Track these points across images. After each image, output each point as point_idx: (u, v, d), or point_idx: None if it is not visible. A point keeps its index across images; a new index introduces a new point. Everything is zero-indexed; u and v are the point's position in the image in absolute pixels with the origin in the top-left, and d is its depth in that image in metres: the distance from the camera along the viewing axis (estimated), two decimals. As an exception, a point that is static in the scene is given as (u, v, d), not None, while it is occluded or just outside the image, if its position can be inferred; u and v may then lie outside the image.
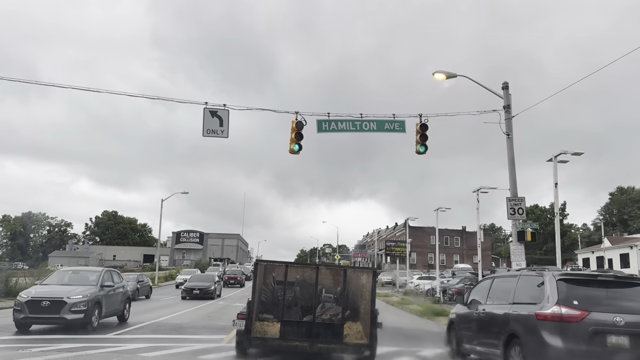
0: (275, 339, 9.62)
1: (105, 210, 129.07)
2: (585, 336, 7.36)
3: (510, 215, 17.21)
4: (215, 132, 15.13)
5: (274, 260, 11.63)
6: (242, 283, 48.26)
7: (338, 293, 10.47)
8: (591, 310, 7.46)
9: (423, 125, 16.71)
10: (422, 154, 16.68)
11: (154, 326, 15.86)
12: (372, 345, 9.68)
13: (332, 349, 9.84)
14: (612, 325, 7.34)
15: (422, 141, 16.61)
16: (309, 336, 9.63)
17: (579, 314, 7.46)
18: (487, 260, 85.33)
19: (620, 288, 8.15)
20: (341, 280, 10.23)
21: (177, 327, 15.44)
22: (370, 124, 16.31)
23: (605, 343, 7.29)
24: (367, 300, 10.13)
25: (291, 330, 9.68)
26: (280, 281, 10.39)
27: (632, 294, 7.92)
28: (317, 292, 10.18)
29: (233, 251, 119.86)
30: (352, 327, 9.83)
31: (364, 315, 10.09)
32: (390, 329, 14.08)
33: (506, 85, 17.86)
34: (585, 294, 7.77)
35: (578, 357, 7.32)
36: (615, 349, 7.29)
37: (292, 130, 15.74)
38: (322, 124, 15.95)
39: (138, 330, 14.77)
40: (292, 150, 15.70)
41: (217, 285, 31.95)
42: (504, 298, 9.27)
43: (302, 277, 10.75)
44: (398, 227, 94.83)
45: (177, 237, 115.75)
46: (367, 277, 10.44)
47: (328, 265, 14.35)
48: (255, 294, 10.10)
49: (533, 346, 7.70)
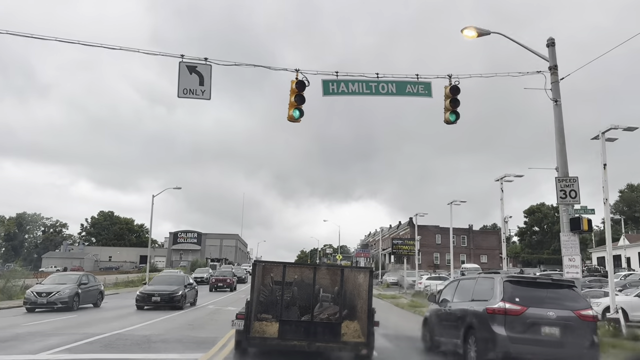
0: (274, 339, 9.62)
1: (101, 211, 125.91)
2: (524, 327, 8.86)
3: (560, 200, 13.93)
4: (193, 92, 11.78)
5: (272, 260, 11.56)
6: (233, 286, 40.61)
7: (335, 292, 10.49)
8: (529, 306, 8.99)
9: (454, 88, 13.38)
10: (452, 124, 13.35)
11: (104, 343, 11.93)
12: (369, 344, 9.74)
13: (330, 348, 9.85)
14: (546, 318, 8.87)
15: (453, 107, 13.26)
16: (307, 335, 9.61)
17: (519, 309, 8.97)
18: (496, 260, 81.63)
19: (555, 289, 9.78)
20: (338, 280, 10.32)
21: (136, 343, 11.72)
22: (388, 86, 12.95)
23: (540, 332, 8.83)
24: (364, 299, 10.13)
25: (289, 330, 9.67)
26: (278, 281, 10.46)
27: (564, 294, 9.57)
28: (314, 291, 10.30)
29: (232, 252, 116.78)
30: (349, 326, 9.93)
31: (361, 314, 10.13)
32: (407, 338, 13.73)
33: (552, 42, 14.60)
34: (526, 293, 9.30)
35: (518, 344, 8.77)
36: (548, 337, 8.84)
37: (291, 92, 12.37)
38: (329, 86, 12.62)
39: (83, 347, 11.01)
40: (291, 117, 12.33)
41: (191, 290, 24.06)
42: (466, 296, 10.63)
43: (300, 277, 10.83)
44: (402, 225, 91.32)
45: (175, 238, 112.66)
46: (364, 276, 10.46)
47: (325, 266, 14.36)
48: (253, 294, 10.08)
49: (484, 335, 9.13)
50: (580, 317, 9.10)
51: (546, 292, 9.67)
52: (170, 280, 24.21)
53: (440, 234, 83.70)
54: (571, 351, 8.91)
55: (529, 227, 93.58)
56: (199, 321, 17.34)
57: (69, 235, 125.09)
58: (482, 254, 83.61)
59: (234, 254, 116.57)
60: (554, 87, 14.48)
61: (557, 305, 9.17)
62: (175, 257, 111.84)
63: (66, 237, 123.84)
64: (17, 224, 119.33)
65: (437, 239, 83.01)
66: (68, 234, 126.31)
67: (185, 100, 11.39)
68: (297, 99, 12.35)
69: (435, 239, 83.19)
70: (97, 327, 14.60)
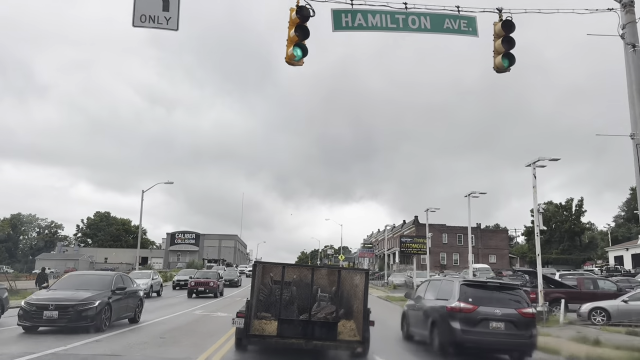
0: (273, 337, 9.92)
1: (97, 211, 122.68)
2: (476, 322, 10.95)
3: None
4: (154, 20, 8.29)
5: (272, 261, 12.29)
6: (218, 291, 32.37)
7: (333, 292, 10.73)
8: (480, 305, 11.10)
9: (507, 23, 9.91)
10: (504, 71, 9.87)
11: None
12: (364, 342, 10.08)
13: (327, 346, 10.16)
14: (493, 315, 11.01)
15: (507, 49, 9.80)
16: (304, 334, 9.90)
17: (471, 307, 11.05)
18: (505, 259, 77.96)
19: (501, 291, 11.94)
20: (336, 280, 10.64)
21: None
22: (420, 19, 9.50)
23: (488, 326, 10.97)
24: (360, 299, 10.50)
25: (288, 328, 9.96)
26: (277, 281, 10.75)
27: (509, 295, 11.70)
28: (312, 291, 10.56)
29: (230, 253, 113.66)
30: (345, 325, 10.24)
31: (357, 314, 10.48)
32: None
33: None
34: (478, 294, 11.40)
35: (470, 336, 10.85)
36: (494, 330, 10.96)
37: (290, 23, 8.89)
38: (342, 17, 9.20)
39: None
40: (290, 57, 8.89)
41: (125, 299, 15.66)
42: (434, 295, 12.73)
43: (298, 277, 11.01)
44: (407, 224, 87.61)
45: (172, 239, 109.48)
46: (360, 277, 10.84)
47: (323, 266, 14.13)
48: (253, 293, 10.38)
49: (444, 328, 11.21)
50: (522, 314, 11.18)
51: (494, 293, 11.73)
52: (86, 281, 14.99)
53: (446, 233, 79.99)
54: (514, 341, 11.08)
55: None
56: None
57: (64, 237, 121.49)
58: (491, 254, 79.78)
59: (233, 255, 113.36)
60: (629, 28, 11.06)
61: (503, 305, 11.22)
62: (173, 258, 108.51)
63: (62, 238, 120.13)
64: (11, 225, 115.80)
65: (444, 238, 79.22)
66: (64, 235, 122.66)
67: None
68: (299, 32, 8.91)
69: (442, 238, 79.38)
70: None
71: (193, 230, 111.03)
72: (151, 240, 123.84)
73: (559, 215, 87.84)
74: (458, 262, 77.12)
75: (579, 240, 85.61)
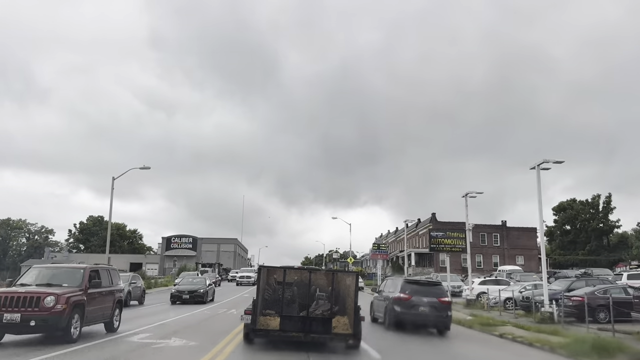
0: (276, 331, 11.45)
1: (90, 216, 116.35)
2: (410, 307, 16.80)
3: None
4: None
5: (275, 265, 14.32)
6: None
7: (329, 292, 12.21)
8: (413, 295, 17.00)
9: None
10: None
11: None
12: (356, 335, 11.77)
13: (323, 339, 11.76)
14: (421, 302, 16.81)
15: None
16: (303, 328, 11.46)
17: (407, 297, 16.93)
18: (534, 261, 68.98)
19: (429, 286, 18.06)
20: (331, 281, 12.24)
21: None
22: None
23: (419, 310, 16.76)
24: (351, 297, 12.14)
25: (289, 323, 11.48)
26: (280, 282, 12.22)
27: (434, 289, 17.76)
28: (310, 291, 12.10)
29: (230, 257, 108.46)
30: (340, 321, 11.80)
31: (349, 311, 12.06)
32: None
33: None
34: (413, 288, 17.36)
35: (406, 316, 16.79)
36: (423, 312, 16.74)
37: None
38: None
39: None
40: None
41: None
42: (388, 289, 18.92)
43: (299, 279, 12.48)
44: (422, 222, 79.77)
45: (168, 243, 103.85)
46: (351, 279, 12.59)
47: (320, 269, 17.89)
48: (259, 293, 11.93)
49: (391, 311, 17.20)
50: (440, 302, 17.05)
51: (424, 287, 17.80)
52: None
53: (470, 232, 70.91)
54: (434, 320, 16.96)
55: (559, 226, 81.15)
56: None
57: (55, 242, 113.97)
58: (518, 255, 70.90)
59: (233, 260, 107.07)
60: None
61: (429, 295, 17.20)
62: (169, 263, 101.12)
63: (52, 244, 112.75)
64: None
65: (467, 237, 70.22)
66: (54, 241, 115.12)
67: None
68: None
69: (466, 238, 70.29)
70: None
71: (190, 234, 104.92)
72: (148, 246, 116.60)
73: (584, 213, 79.60)
74: (481, 264, 68.12)
75: (607, 240, 77.31)
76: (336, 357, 11.51)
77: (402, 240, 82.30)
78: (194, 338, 13.21)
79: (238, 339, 12.88)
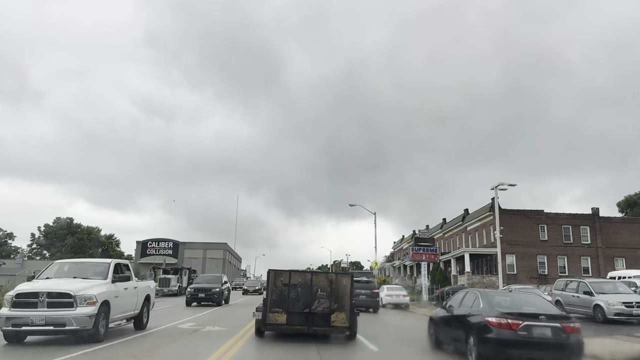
0: (283, 325, 14.09)
1: (57, 217, 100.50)
2: (354, 296, 16.06)
3: None
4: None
5: (281, 269, 15.34)
6: None
7: (328, 292, 14.62)
8: (355, 289, 18.50)
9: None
10: None
11: None
12: (351, 327, 14.21)
13: (323, 331, 14.27)
14: (360, 293, 26.07)
15: None
16: (307, 322, 13.93)
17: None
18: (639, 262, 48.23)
19: (363, 282, 28.61)
20: (330, 283, 14.50)
21: None
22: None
23: (359, 297, 25.69)
24: (348, 296, 14.43)
25: (294, 318, 14.01)
26: (286, 284, 14.57)
27: (366, 284, 28.19)
28: (312, 291, 14.45)
29: (218, 265, 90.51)
30: (338, 316, 14.11)
31: (346, 307, 14.31)
32: None
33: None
34: (355, 285, 17.67)
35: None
36: (361, 299, 26.06)
37: None
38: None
39: None
40: None
41: None
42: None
43: (303, 280, 14.70)
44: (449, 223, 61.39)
45: (144, 249, 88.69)
46: (347, 280, 14.70)
47: (320, 272, 17.55)
48: (268, 293, 14.50)
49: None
50: (372, 292, 27.81)
51: (361, 284, 27.46)
52: None
53: (545, 225, 52.57)
54: (368, 304, 26.86)
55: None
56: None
57: (14, 249, 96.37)
58: (618, 257, 49.03)
59: (222, 268, 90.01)
60: None
61: (363, 288, 27.38)
62: (145, 271, 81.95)
63: (13, 250, 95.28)
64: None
65: (542, 233, 51.15)
66: (14, 247, 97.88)
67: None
68: None
69: (540, 234, 52.56)
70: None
71: (170, 238, 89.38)
72: (127, 254, 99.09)
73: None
74: (565, 268, 47.90)
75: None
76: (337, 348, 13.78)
77: (440, 240, 63.92)
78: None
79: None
